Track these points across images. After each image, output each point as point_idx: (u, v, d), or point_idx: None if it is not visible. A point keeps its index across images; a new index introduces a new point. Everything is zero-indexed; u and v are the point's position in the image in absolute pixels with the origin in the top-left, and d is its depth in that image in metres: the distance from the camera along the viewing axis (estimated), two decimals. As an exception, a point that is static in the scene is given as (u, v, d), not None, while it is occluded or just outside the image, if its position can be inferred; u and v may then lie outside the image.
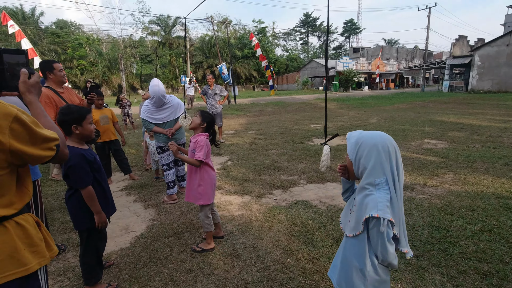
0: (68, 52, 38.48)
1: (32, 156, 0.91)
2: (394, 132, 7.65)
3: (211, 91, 7.12)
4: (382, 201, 1.16)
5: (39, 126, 0.93)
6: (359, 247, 1.25)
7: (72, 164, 1.83)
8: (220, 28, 45.13)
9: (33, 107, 1.06)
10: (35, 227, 1.00)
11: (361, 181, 1.25)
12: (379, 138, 1.23)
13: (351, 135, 1.32)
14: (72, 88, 4.35)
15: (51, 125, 1.06)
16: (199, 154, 2.40)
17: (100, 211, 1.95)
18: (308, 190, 3.93)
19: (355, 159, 1.27)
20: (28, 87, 1.06)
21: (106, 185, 2.06)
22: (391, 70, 42.47)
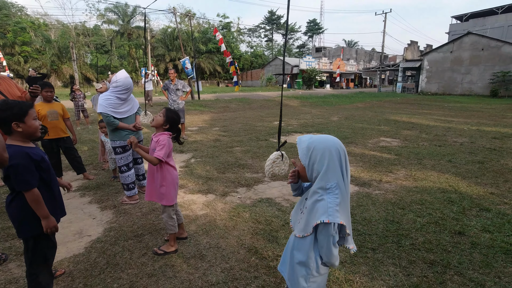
0: (8, 36, 34.48)
1: None
2: (354, 130, 8.04)
3: (173, 86, 6.88)
4: (332, 206, 1.21)
5: None
6: (306, 247, 1.32)
7: (14, 164, 1.61)
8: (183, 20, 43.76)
9: None
10: None
11: (313, 185, 1.28)
12: (330, 143, 1.26)
13: (301, 140, 1.33)
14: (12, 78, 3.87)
15: None
16: (159, 153, 2.29)
17: (48, 215, 1.74)
18: (272, 188, 3.98)
19: (308, 164, 1.28)
20: None
21: (55, 187, 1.87)
22: (351, 70, 44.56)
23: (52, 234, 1.80)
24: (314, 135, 1.33)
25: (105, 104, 3.30)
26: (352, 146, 6.21)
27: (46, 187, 1.79)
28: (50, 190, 1.83)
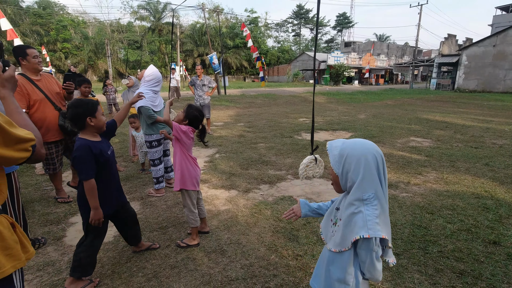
0: (51, 34, 36.86)
1: (5, 158, 0.86)
2: (381, 129, 7.76)
3: (199, 81, 7.01)
4: (371, 219, 1.10)
5: (13, 125, 0.88)
6: (345, 263, 1.19)
7: (76, 156, 1.85)
8: (211, 16, 44.21)
9: (7, 103, 1.01)
10: (10, 229, 0.96)
11: (349, 196, 1.17)
12: (366, 148, 1.14)
13: (332, 146, 1.22)
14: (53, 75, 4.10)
15: (27, 122, 1.01)
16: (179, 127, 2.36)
17: (97, 207, 1.90)
18: (294, 186, 3.96)
19: (342, 172, 1.17)
20: (2, 81, 1.00)
21: (113, 180, 2.05)
22: (381, 66, 42.89)
23: (95, 225, 1.95)
24: (347, 140, 1.20)
25: (146, 97, 3.42)
26: (379, 146, 5.98)
27: (102, 179, 1.94)
28: (106, 182, 1.98)
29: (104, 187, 1.97)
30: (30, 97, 3.00)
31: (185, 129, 2.38)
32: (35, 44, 33.68)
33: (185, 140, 2.39)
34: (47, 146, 3.22)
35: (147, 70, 3.61)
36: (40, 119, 3.09)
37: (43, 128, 3.13)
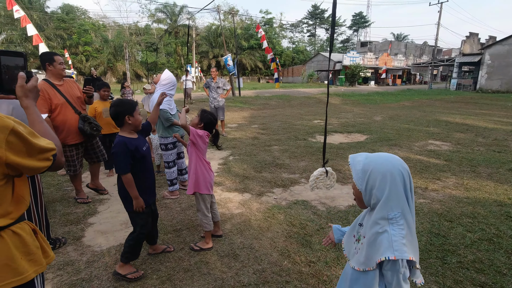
0: (73, 37, 38.33)
1: (28, 168, 0.90)
2: (398, 131, 7.59)
3: (214, 84, 7.09)
4: (398, 240, 1.03)
5: (35, 136, 0.92)
6: (369, 283, 1.12)
7: (114, 152, 2.04)
8: (226, 18, 44.57)
9: (30, 112, 1.05)
10: (32, 235, 1.01)
11: (373, 214, 1.11)
12: (391, 164, 1.08)
13: (355, 160, 1.15)
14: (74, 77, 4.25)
15: (48, 131, 1.05)
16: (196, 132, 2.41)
17: (137, 196, 2.09)
18: (308, 190, 3.92)
19: (365, 189, 1.11)
20: (25, 92, 1.05)
21: (148, 173, 2.21)
22: (399, 66, 41.92)
23: (139, 211, 2.14)
24: (371, 154, 1.15)
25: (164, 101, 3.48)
26: (396, 149, 5.87)
27: (138, 173, 2.11)
28: (142, 175, 2.15)
29: (141, 181, 2.13)
30: (51, 101, 3.12)
31: (201, 134, 2.42)
32: (58, 48, 35.07)
33: (200, 144, 2.43)
34: (68, 148, 3.33)
35: (162, 74, 3.69)
36: (61, 123, 3.21)
37: (64, 131, 3.25)
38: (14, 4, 8.78)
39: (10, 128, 0.84)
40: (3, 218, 0.90)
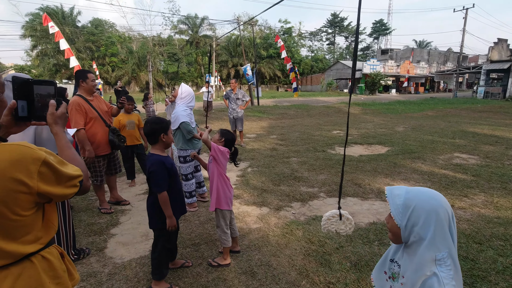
0: (101, 49, 40.36)
1: (57, 195, 0.95)
2: (422, 143, 7.33)
3: (233, 95, 7.21)
4: (448, 282, 0.99)
5: (64, 164, 0.97)
6: None
7: (153, 170, 2.09)
8: (246, 27, 45.31)
9: (59, 138, 1.11)
10: (59, 259, 1.05)
11: (418, 255, 1.05)
12: (436, 202, 1.03)
13: (393, 193, 1.09)
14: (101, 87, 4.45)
15: (75, 157, 1.10)
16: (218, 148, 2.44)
17: (172, 215, 2.15)
18: (327, 205, 3.86)
19: (406, 225, 1.05)
20: (55, 119, 1.11)
21: (179, 190, 2.29)
22: (421, 74, 40.78)
23: (172, 230, 2.21)
24: (411, 189, 1.09)
25: (184, 114, 3.61)
26: (419, 162, 5.67)
27: (172, 190, 2.17)
28: (174, 193, 2.21)
29: (174, 197, 2.19)
30: (87, 115, 3.35)
31: (223, 150, 2.46)
32: (87, 59, 36.96)
33: (221, 160, 2.47)
34: (97, 159, 3.51)
35: (180, 88, 3.80)
36: (93, 135, 3.42)
37: (95, 143, 3.44)
38: (50, 20, 9.43)
39: (42, 160, 0.89)
40: (33, 244, 0.94)
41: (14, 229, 0.87)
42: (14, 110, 1.03)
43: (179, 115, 3.61)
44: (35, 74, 41.18)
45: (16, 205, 0.85)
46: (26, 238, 0.91)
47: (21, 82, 1.02)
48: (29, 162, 0.86)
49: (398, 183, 4.58)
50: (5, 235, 0.85)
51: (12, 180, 0.83)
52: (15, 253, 0.89)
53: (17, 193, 0.84)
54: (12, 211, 0.84)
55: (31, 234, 0.93)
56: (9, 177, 0.82)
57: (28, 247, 0.92)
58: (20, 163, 0.84)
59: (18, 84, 1.02)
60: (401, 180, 4.70)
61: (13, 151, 0.85)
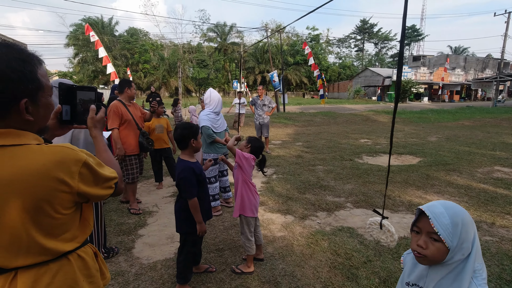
0: (135, 56, 42.63)
1: (94, 196, 0.99)
2: (457, 155, 6.92)
3: (260, 101, 7.26)
4: None
5: (101, 166, 1.01)
6: None
7: (183, 177, 2.11)
8: (273, 35, 45.67)
9: (97, 141, 1.16)
10: (93, 259, 1.09)
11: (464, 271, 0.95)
12: (466, 212, 0.98)
13: (435, 212, 0.97)
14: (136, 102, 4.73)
15: (111, 159, 1.15)
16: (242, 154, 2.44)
17: (202, 221, 2.17)
18: (354, 216, 3.73)
19: (457, 244, 0.95)
20: (95, 123, 1.17)
21: (206, 196, 2.33)
22: (457, 81, 38.80)
23: (202, 235, 2.26)
24: (444, 203, 1.00)
25: (205, 118, 3.72)
26: (455, 175, 5.34)
27: (200, 196, 2.20)
28: (203, 198, 2.25)
29: (202, 203, 2.21)
30: (122, 117, 3.67)
31: (247, 156, 2.46)
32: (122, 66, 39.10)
33: (246, 167, 2.46)
34: (129, 158, 3.76)
35: (206, 93, 3.95)
36: (126, 135, 3.72)
37: (127, 143, 3.72)
38: (91, 30, 10.26)
39: (83, 161, 0.93)
40: (71, 242, 0.99)
41: (55, 227, 0.92)
42: (59, 114, 1.10)
43: (201, 119, 3.74)
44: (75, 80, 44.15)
45: (58, 204, 0.90)
46: (64, 236, 0.95)
47: (66, 88, 1.09)
48: (72, 163, 0.90)
49: (431, 196, 4.34)
50: (46, 232, 0.90)
51: (56, 179, 0.87)
52: (54, 250, 0.93)
53: (59, 192, 0.89)
54: (54, 209, 0.89)
55: (69, 232, 0.97)
56: (53, 177, 0.86)
57: (66, 245, 0.96)
58: (63, 164, 0.88)
59: (63, 90, 1.09)
60: (434, 193, 4.45)
61: (58, 152, 0.89)
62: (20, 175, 0.83)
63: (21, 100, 0.87)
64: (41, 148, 0.88)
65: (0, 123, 0.86)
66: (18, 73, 0.85)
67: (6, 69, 0.83)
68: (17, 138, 0.86)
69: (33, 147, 0.88)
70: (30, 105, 0.90)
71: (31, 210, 0.85)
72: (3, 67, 0.83)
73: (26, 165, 0.84)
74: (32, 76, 0.89)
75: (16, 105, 0.87)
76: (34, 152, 0.86)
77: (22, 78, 0.86)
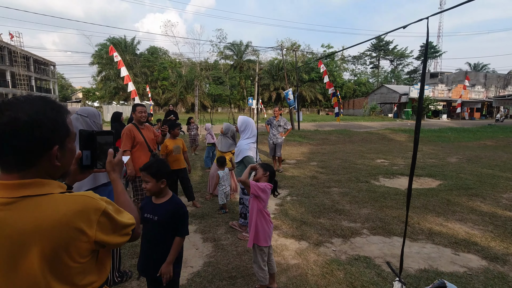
0: (154, 74, 44.29)
1: (112, 244, 1.00)
2: (480, 178, 6.64)
3: (276, 122, 7.41)
4: None
5: (120, 212, 1.03)
6: None
7: (186, 211, 2.03)
8: (288, 52, 46.40)
9: (115, 185, 1.20)
10: None
11: None
12: None
13: None
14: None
15: (129, 203, 1.17)
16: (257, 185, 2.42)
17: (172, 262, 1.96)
18: (371, 244, 3.61)
19: None
20: (113, 166, 1.20)
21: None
22: (477, 98, 37.77)
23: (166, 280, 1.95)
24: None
25: (247, 148, 3.76)
26: (477, 201, 5.11)
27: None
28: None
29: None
30: (135, 139, 3.82)
31: (263, 187, 2.46)
32: (142, 83, 40.60)
33: (263, 196, 2.47)
34: (139, 179, 3.85)
35: (239, 121, 3.97)
36: (137, 157, 3.86)
37: (138, 164, 3.80)
38: (114, 51, 10.88)
39: (102, 210, 0.95)
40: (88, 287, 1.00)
41: (72, 275, 0.93)
42: (79, 159, 1.15)
43: (243, 149, 3.75)
44: (98, 96, 46.05)
45: (75, 252, 0.91)
46: (81, 283, 0.97)
47: (86, 134, 1.15)
48: (91, 212, 0.93)
49: (452, 224, 4.16)
50: (64, 280, 0.91)
51: (75, 229, 0.89)
52: None
53: (77, 242, 0.90)
54: (71, 258, 0.90)
55: (85, 279, 0.98)
56: (72, 227, 0.89)
57: None
58: (83, 213, 0.91)
59: (84, 137, 1.14)
60: (456, 221, 4.26)
61: (79, 202, 0.92)
62: (42, 226, 0.85)
63: (54, 146, 0.92)
64: (64, 198, 0.92)
65: (29, 171, 0.90)
66: (53, 122, 0.91)
67: (44, 119, 0.89)
68: (42, 187, 0.90)
69: (56, 196, 0.91)
70: (59, 151, 0.94)
71: (49, 258, 0.87)
72: (42, 117, 0.88)
73: (48, 216, 0.87)
74: (63, 124, 0.95)
75: (49, 151, 0.91)
76: (56, 201, 0.90)
77: (56, 126, 0.92)
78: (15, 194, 0.86)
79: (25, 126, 0.85)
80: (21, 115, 0.85)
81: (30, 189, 0.88)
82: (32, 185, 0.89)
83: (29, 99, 0.90)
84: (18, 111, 0.85)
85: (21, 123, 0.84)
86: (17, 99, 0.88)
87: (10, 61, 34.74)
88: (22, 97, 0.90)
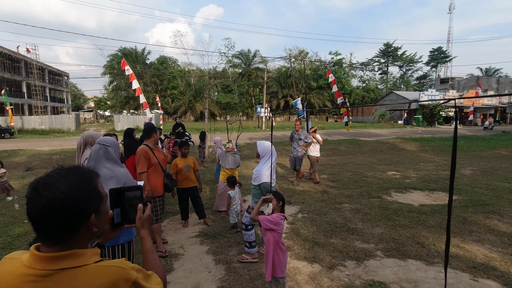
0: (164, 83, 44.98)
1: None
2: (496, 192, 6.47)
3: (297, 135, 7.64)
4: None
5: (149, 279, 1.03)
6: None
7: None
8: (296, 60, 46.60)
9: (145, 242, 1.22)
10: None
11: None
12: None
13: None
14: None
15: (157, 262, 1.19)
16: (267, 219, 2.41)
17: None
18: (385, 267, 3.55)
19: None
20: (143, 222, 1.23)
21: None
22: (489, 104, 37.06)
23: None
24: None
25: (267, 174, 3.72)
26: (495, 219, 4.97)
27: None
28: None
29: None
30: (150, 161, 3.89)
31: (274, 220, 2.47)
32: (152, 92, 41.31)
33: (277, 228, 2.49)
34: (153, 199, 3.89)
35: (260, 146, 3.88)
36: (153, 178, 3.90)
37: (153, 185, 3.88)
38: (126, 64, 11.27)
39: (132, 281, 0.96)
40: None
41: None
42: (111, 219, 1.18)
43: (262, 174, 3.74)
44: (109, 105, 46.96)
45: None
46: None
47: (115, 192, 1.18)
48: (122, 284, 0.94)
49: (470, 245, 4.06)
50: None
51: None
52: None
53: None
54: None
55: None
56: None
57: None
58: (114, 286, 0.93)
59: (113, 195, 1.17)
60: (474, 242, 4.15)
61: (111, 273, 0.94)
62: None
63: (91, 216, 0.95)
64: (98, 269, 0.94)
65: (68, 242, 0.93)
66: (87, 193, 0.95)
67: (78, 193, 0.92)
68: (78, 259, 0.92)
69: (91, 268, 0.93)
70: (95, 217, 0.98)
71: None
72: (76, 192, 0.92)
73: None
74: (96, 191, 0.99)
75: (87, 221, 0.94)
76: (91, 274, 0.92)
77: (90, 196, 0.95)
78: (53, 266, 0.89)
79: (63, 204, 0.89)
80: (58, 194, 0.88)
81: (67, 261, 0.91)
82: (69, 257, 0.92)
83: (62, 175, 0.93)
84: (55, 190, 0.89)
85: (58, 201, 0.88)
86: (51, 177, 0.92)
87: (26, 73, 35.91)
88: (55, 175, 0.93)
